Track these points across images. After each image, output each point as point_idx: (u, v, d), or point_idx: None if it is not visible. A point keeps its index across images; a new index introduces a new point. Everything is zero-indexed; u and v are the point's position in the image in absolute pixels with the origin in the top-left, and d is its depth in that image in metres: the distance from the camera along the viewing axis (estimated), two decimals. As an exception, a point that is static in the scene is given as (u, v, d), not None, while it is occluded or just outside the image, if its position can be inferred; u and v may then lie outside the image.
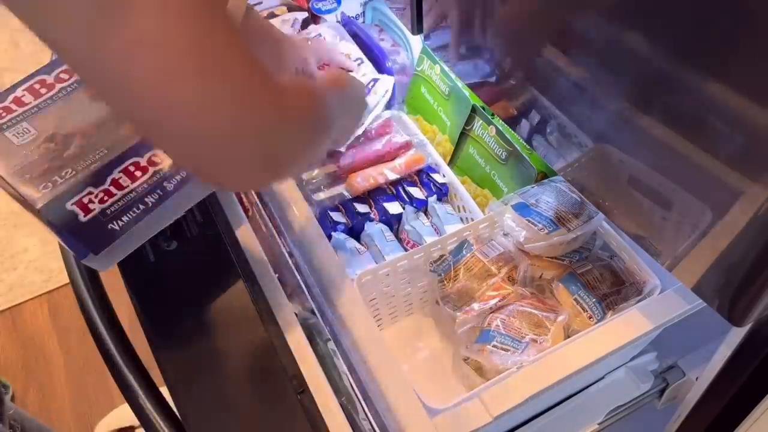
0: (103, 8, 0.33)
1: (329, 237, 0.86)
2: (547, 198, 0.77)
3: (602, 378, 0.74)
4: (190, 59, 0.35)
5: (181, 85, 0.35)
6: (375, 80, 0.99)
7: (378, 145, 0.95)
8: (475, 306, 0.72)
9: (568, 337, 0.68)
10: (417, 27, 0.96)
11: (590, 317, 0.69)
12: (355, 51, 1.02)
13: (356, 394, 0.69)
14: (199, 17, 0.35)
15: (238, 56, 0.38)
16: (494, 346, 0.67)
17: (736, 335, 0.61)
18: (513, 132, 0.87)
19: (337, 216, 0.89)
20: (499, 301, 0.72)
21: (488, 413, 0.58)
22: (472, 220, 0.86)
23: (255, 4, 1.07)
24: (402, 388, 0.60)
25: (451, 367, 0.81)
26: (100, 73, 0.35)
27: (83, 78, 0.38)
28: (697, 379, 0.72)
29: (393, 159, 0.94)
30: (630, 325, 0.64)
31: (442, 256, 0.78)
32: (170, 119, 0.36)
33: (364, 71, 1.00)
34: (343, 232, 0.88)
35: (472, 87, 0.82)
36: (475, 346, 0.69)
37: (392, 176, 0.92)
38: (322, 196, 0.92)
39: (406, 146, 0.95)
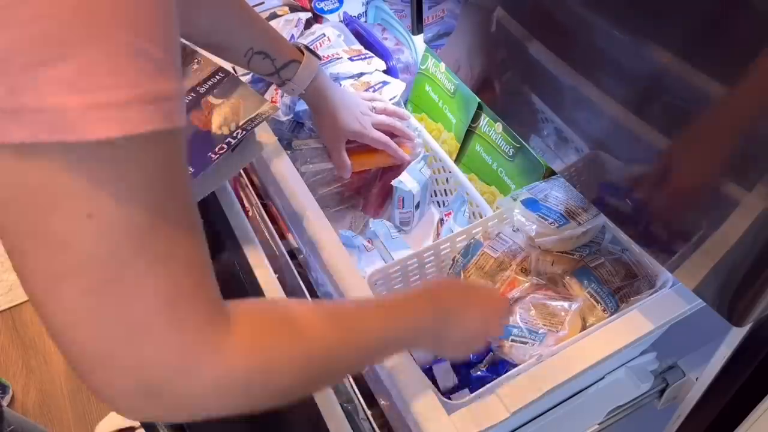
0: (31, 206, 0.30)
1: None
2: (556, 193, 0.77)
3: (602, 378, 0.74)
4: (93, 270, 0.31)
5: (70, 293, 0.32)
6: (384, 83, 0.99)
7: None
8: None
9: (585, 328, 0.68)
10: (417, 27, 0.96)
11: (604, 310, 0.69)
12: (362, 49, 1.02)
13: (356, 394, 0.70)
14: (130, 236, 0.32)
15: (153, 286, 0.33)
16: (513, 340, 0.67)
17: (736, 335, 0.61)
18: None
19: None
20: (515, 294, 0.72)
21: (506, 409, 0.58)
22: (481, 216, 0.86)
23: (256, 5, 1.07)
24: (419, 385, 0.60)
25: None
26: (6, 239, 0.32)
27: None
28: (697, 379, 0.72)
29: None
30: (632, 325, 0.64)
31: (453, 259, 0.78)
32: (48, 320, 0.33)
33: (375, 66, 1.00)
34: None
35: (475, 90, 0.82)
36: (497, 342, 0.69)
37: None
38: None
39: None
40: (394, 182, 0.89)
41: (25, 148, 0.29)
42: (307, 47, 0.84)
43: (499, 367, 0.68)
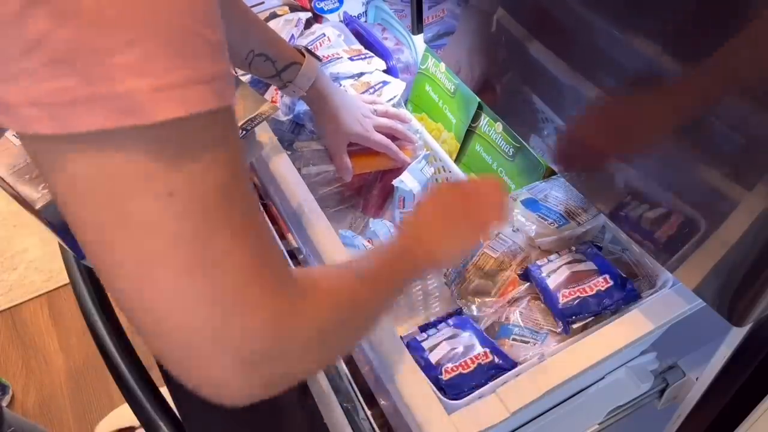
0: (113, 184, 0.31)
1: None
2: (555, 193, 0.78)
3: (602, 378, 0.74)
4: (183, 251, 0.32)
5: (165, 276, 0.32)
6: (384, 83, 0.99)
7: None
8: (493, 302, 0.72)
9: (585, 327, 0.68)
10: (417, 27, 0.96)
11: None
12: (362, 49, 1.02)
13: (356, 394, 0.70)
14: (209, 210, 0.33)
15: (239, 257, 0.34)
16: (514, 339, 0.67)
17: (736, 335, 0.61)
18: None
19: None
20: (515, 294, 0.72)
21: (506, 409, 0.58)
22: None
23: (256, 5, 1.07)
24: (419, 385, 0.60)
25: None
26: (88, 236, 0.33)
27: (76, 236, 0.34)
28: (697, 379, 0.72)
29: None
30: (632, 325, 0.64)
31: None
32: (145, 308, 0.33)
33: (375, 66, 1.00)
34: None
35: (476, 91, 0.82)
36: (496, 343, 0.70)
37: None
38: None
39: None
40: (395, 182, 0.89)
41: (99, 135, 0.30)
42: (307, 49, 0.84)
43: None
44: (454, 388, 0.61)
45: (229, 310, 0.34)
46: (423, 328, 0.69)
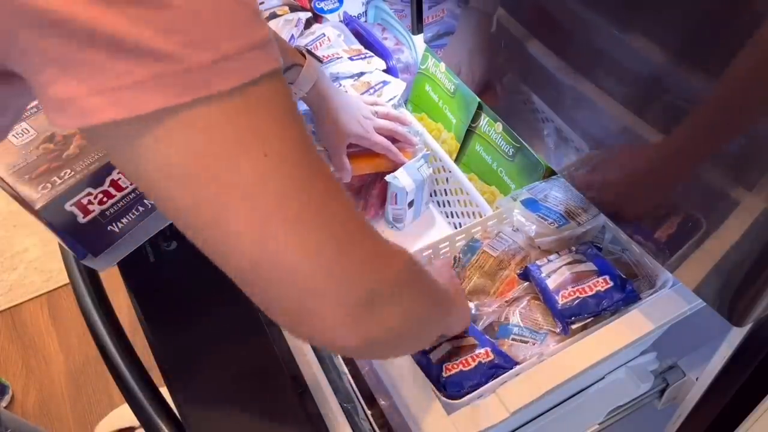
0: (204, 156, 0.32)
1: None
2: (555, 193, 0.78)
3: (602, 378, 0.74)
4: (292, 203, 0.34)
5: (282, 231, 0.34)
6: (384, 83, 0.99)
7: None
8: (492, 301, 0.72)
9: (585, 327, 0.68)
10: (417, 27, 0.96)
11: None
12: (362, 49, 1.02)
13: (356, 394, 0.70)
14: (300, 162, 0.34)
15: (338, 203, 0.36)
16: (513, 339, 0.67)
17: (736, 335, 0.61)
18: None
19: None
20: (515, 293, 0.72)
21: (506, 409, 0.58)
22: (481, 215, 0.86)
23: (255, 4, 1.06)
24: (419, 385, 0.60)
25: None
26: (194, 218, 0.34)
27: (178, 223, 0.35)
28: (697, 379, 0.72)
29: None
30: (632, 325, 0.64)
31: (455, 258, 0.78)
32: (265, 268, 0.35)
33: (375, 65, 1.00)
34: None
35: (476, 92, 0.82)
36: (496, 342, 0.70)
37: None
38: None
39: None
40: (388, 177, 0.89)
41: (173, 114, 0.30)
42: (308, 50, 0.84)
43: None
44: (455, 386, 0.61)
45: (342, 247, 0.36)
46: None
